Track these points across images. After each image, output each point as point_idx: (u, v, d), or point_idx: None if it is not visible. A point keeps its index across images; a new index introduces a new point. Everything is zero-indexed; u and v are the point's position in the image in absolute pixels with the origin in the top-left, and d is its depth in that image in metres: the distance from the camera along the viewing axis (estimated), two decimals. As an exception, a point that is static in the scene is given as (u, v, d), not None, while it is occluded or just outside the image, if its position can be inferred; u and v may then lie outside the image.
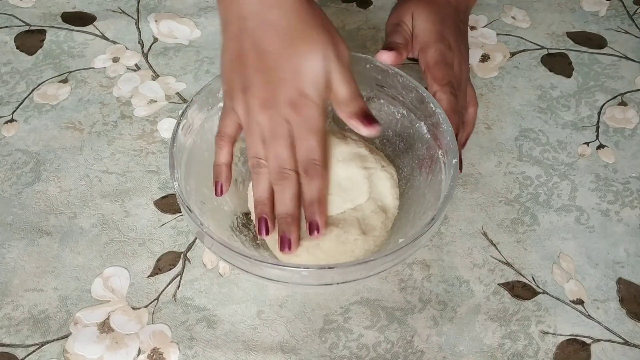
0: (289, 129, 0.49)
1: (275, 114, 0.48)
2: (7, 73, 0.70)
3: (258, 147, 0.50)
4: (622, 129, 0.67)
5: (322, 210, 0.49)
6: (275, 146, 0.49)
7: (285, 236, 0.49)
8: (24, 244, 0.57)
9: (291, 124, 0.49)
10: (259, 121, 0.49)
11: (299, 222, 0.50)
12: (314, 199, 0.49)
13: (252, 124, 0.49)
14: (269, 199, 0.50)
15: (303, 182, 0.49)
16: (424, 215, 0.51)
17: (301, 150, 0.49)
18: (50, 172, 0.62)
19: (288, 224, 0.49)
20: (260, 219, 0.50)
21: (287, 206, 0.49)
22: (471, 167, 0.63)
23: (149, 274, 0.56)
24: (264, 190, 0.50)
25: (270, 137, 0.49)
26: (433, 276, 0.56)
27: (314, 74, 0.48)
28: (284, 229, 0.49)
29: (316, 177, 0.49)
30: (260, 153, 0.50)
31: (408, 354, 0.52)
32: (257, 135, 0.49)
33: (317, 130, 0.49)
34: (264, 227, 0.49)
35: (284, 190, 0.49)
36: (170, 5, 0.77)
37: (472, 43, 0.74)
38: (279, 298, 0.54)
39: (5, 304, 0.54)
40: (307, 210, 0.49)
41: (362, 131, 0.50)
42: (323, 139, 0.50)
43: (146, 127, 0.65)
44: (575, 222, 0.60)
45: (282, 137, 0.49)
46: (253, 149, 0.50)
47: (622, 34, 0.76)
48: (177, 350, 0.52)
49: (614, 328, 0.53)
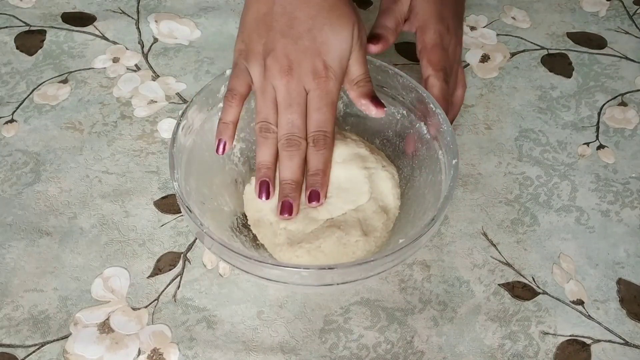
0: (306, 98, 0.49)
1: (295, 81, 0.49)
2: (7, 73, 0.70)
3: (269, 112, 0.50)
4: (622, 129, 0.67)
5: (324, 182, 0.50)
6: (290, 113, 0.49)
7: (288, 201, 0.49)
8: (24, 244, 0.57)
9: (309, 94, 0.49)
10: (276, 85, 0.49)
11: (300, 189, 0.50)
12: (319, 169, 0.50)
13: (267, 87, 0.50)
14: (274, 164, 0.50)
15: (310, 152, 0.50)
16: (424, 215, 0.51)
17: (313, 121, 0.50)
18: (50, 172, 0.62)
19: (292, 189, 0.49)
20: (262, 182, 0.50)
21: (294, 173, 0.49)
22: (471, 167, 0.63)
23: (149, 275, 0.56)
24: (270, 155, 0.50)
25: (286, 103, 0.49)
26: (433, 276, 0.56)
27: (341, 49, 0.49)
28: (287, 194, 0.49)
29: (325, 148, 0.50)
30: (270, 117, 0.50)
31: (408, 355, 0.52)
32: (270, 100, 0.50)
33: (333, 103, 0.50)
34: (264, 191, 0.50)
35: (292, 157, 0.49)
36: (170, 6, 0.77)
37: (472, 43, 0.74)
38: (279, 298, 0.54)
39: (5, 304, 0.54)
40: (311, 179, 0.50)
41: (372, 111, 0.51)
42: (334, 111, 0.51)
43: (146, 128, 0.65)
44: (576, 222, 0.60)
45: (299, 105, 0.49)
46: (264, 112, 0.50)
47: (622, 34, 0.76)
48: (177, 350, 0.51)
49: (614, 328, 0.53)
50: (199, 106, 0.54)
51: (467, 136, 0.65)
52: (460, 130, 0.66)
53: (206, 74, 0.70)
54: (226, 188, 0.56)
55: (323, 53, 0.49)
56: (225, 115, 0.51)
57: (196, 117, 0.54)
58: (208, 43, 0.73)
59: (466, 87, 0.62)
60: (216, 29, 0.75)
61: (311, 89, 0.49)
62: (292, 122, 0.49)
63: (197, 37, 0.74)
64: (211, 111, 0.56)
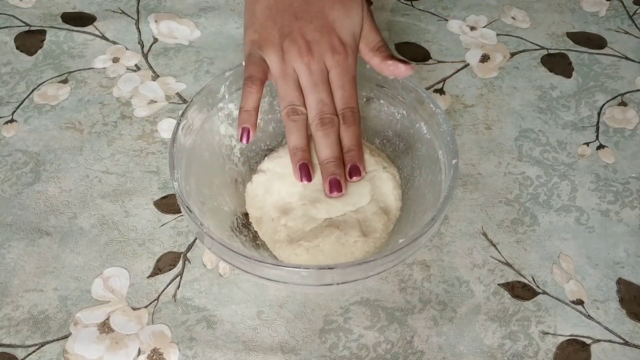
0: (327, 76, 0.50)
1: (315, 61, 0.50)
2: (7, 73, 0.70)
3: (294, 94, 0.50)
4: (622, 129, 0.67)
5: (360, 155, 0.51)
6: (317, 92, 0.50)
7: (335, 178, 0.50)
8: (24, 244, 0.57)
9: (330, 72, 0.50)
10: (297, 68, 0.50)
11: (342, 164, 0.51)
12: (353, 144, 0.50)
13: (288, 70, 0.50)
14: (308, 146, 0.51)
15: (341, 130, 0.50)
16: (424, 215, 0.51)
17: (339, 98, 0.50)
18: (50, 172, 0.62)
19: (336, 166, 0.50)
20: (301, 165, 0.50)
21: (333, 150, 0.50)
22: (471, 167, 0.63)
23: (148, 275, 0.56)
24: (302, 137, 0.51)
25: (312, 83, 0.50)
26: (433, 276, 0.56)
27: (354, 23, 0.51)
28: (332, 171, 0.50)
29: (354, 123, 0.51)
30: (296, 100, 0.50)
31: (408, 355, 0.52)
32: (293, 83, 0.50)
33: (354, 78, 0.51)
34: (305, 174, 0.50)
35: (329, 135, 0.50)
36: (170, 6, 0.77)
37: (472, 43, 0.74)
38: (279, 298, 0.54)
39: (5, 304, 0.54)
40: (347, 156, 0.50)
41: (401, 69, 0.51)
42: (355, 86, 0.51)
43: (146, 128, 0.65)
44: (575, 222, 0.60)
45: (324, 83, 0.50)
46: (289, 96, 0.50)
47: (622, 34, 0.76)
48: (177, 350, 0.51)
49: (614, 328, 0.53)
50: (199, 106, 0.54)
51: (467, 136, 0.65)
52: (460, 130, 0.66)
53: (206, 74, 0.70)
54: (226, 188, 0.56)
55: (337, 29, 0.50)
56: (246, 103, 0.50)
57: (196, 117, 0.54)
58: (208, 43, 0.73)
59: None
60: (216, 29, 0.75)
61: (332, 67, 0.50)
62: (321, 101, 0.50)
63: (197, 37, 0.74)
64: (211, 111, 0.56)
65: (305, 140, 0.51)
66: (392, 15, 0.77)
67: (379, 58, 0.52)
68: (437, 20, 0.77)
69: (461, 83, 0.70)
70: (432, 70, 0.71)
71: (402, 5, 0.78)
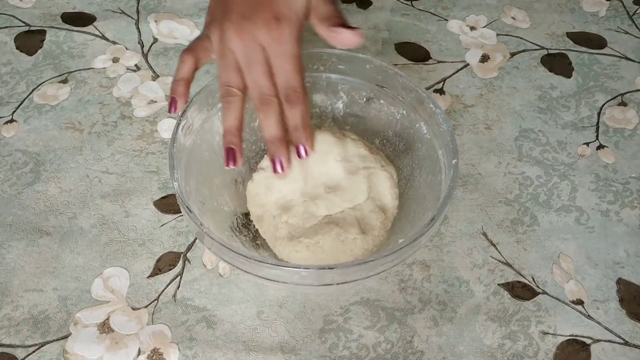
0: (265, 55, 0.48)
1: (251, 39, 0.48)
2: (7, 73, 0.70)
3: (230, 75, 0.49)
4: (622, 129, 0.67)
5: (307, 135, 0.49)
6: (252, 73, 0.48)
7: (277, 158, 0.49)
8: (24, 244, 0.57)
9: (267, 50, 0.48)
10: (232, 48, 0.48)
11: (287, 145, 0.49)
12: (298, 124, 0.49)
13: (225, 51, 0.49)
14: (239, 129, 0.49)
15: (285, 111, 0.49)
16: (424, 215, 0.51)
17: (279, 77, 0.48)
18: (50, 172, 0.62)
19: (277, 147, 0.49)
20: (228, 149, 0.49)
21: (274, 129, 0.49)
22: (471, 167, 0.63)
23: (148, 275, 0.56)
24: (234, 119, 0.49)
25: (247, 64, 0.48)
26: (433, 276, 0.56)
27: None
28: (274, 152, 0.49)
29: (298, 103, 0.49)
30: (232, 81, 0.49)
31: (408, 355, 0.52)
32: (230, 63, 0.49)
33: (293, 55, 0.48)
34: (231, 158, 0.49)
35: (268, 116, 0.48)
36: (170, 6, 0.77)
37: (472, 43, 0.74)
38: (279, 298, 0.54)
39: (5, 304, 0.54)
40: (293, 136, 0.49)
41: (345, 35, 0.49)
42: (300, 64, 0.49)
43: (146, 128, 0.65)
44: (575, 222, 0.60)
45: (259, 63, 0.48)
46: (225, 77, 0.49)
47: (622, 34, 0.76)
48: (177, 350, 0.51)
49: (614, 328, 0.53)
50: (199, 106, 0.54)
51: (467, 136, 0.66)
52: (460, 130, 0.66)
53: (206, 74, 0.70)
54: (226, 188, 0.56)
55: (274, 4, 0.48)
56: (179, 72, 0.51)
57: (196, 117, 0.54)
58: (208, 43, 0.73)
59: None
60: (216, 29, 0.75)
61: (267, 44, 0.48)
62: (257, 82, 0.48)
63: (197, 37, 0.74)
64: (211, 111, 0.56)
65: (236, 122, 0.49)
66: (392, 15, 0.77)
67: (324, 27, 0.49)
68: (437, 20, 0.77)
69: (461, 83, 0.70)
70: (432, 70, 0.71)
71: (402, 5, 0.78)
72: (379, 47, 0.73)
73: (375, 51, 0.72)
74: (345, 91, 0.59)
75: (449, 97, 0.69)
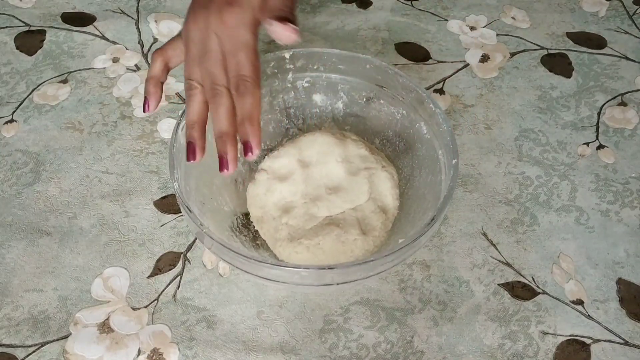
0: (219, 43, 0.47)
1: (205, 27, 0.47)
2: (7, 73, 0.70)
3: (192, 69, 0.48)
4: (621, 129, 0.67)
5: (254, 130, 0.47)
6: (205, 62, 0.48)
7: (222, 156, 0.47)
8: (24, 244, 0.57)
9: (220, 38, 0.47)
10: (192, 39, 0.48)
11: (235, 141, 0.47)
12: (244, 116, 0.47)
13: (188, 43, 0.48)
14: (198, 123, 0.48)
15: (235, 100, 0.47)
16: (423, 215, 0.51)
17: (231, 66, 0.47)
18: (50, 172, 0.62)
19: (223, 143, 0.47)
20: (188, 143, 0.48)
21: (222, 124, 0.47)
22: (471, 167, 0.63)
23: (148, 275, 0.56)
24: (193, 113, 0.48)
25: (202, 54, 0.48)
26: (433, 276, 0.56)
27: None
28: (220, 149, 0.47)
29: (246, 94, 0.47)
30: (194, 75, 0.48)
31: (408, 355, 0.52)
32: (192, 56, 0.48)
33: (245, 44, 0.47)
34: (191, 152, 0.48)
35: (217, 108, 0.47)
36: (170, 6, 0.77)
37: (472, 43, 0.74)
38: (279, 298, 0.54)
39: (5, 304, 0.54)
40: (239, 130, 0.47)
41: (277, 31, 0.48)
42: (252, 53, 0.48)
43: (146, 128, 0.65)
44: (575, 222, 0.60)
45: (213, 51, 0.47)
46: (187, 70, 0.49)
47: (622, 34, 0.76)
48: (177, 350, 0.51)
49: (614, 328, 0.53)
50: (199, 106, 0.54)
51: (467, 136, 0.65)
52: (460, 130, 0.66)
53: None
54: (226, 188, 0.56)
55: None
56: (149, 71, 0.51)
57: (196, 117, 0.54)
58: (208, 43, 0.73)
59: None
60: (216, 29, 0.75)
61: (219, 32, 0.47)
62: (209, 72, 0.47)
63: (197, 37, 0.74)
64: (211, 111, 0.56)
65: (196, 116, 0.48)
66: (392, 15, 0.77)
67: (264, 18, 0.48)
68: (437, 20, 0.77)
69: (461, 83, 0.70)
70: (432, 70, 0.71)
71: (402, 5, 0.78)
72: (379, 47, 0.73)
73: (375, 51, 0.72)
74: (345, 91, 0.59)
75: (449, 97, 0.69)
